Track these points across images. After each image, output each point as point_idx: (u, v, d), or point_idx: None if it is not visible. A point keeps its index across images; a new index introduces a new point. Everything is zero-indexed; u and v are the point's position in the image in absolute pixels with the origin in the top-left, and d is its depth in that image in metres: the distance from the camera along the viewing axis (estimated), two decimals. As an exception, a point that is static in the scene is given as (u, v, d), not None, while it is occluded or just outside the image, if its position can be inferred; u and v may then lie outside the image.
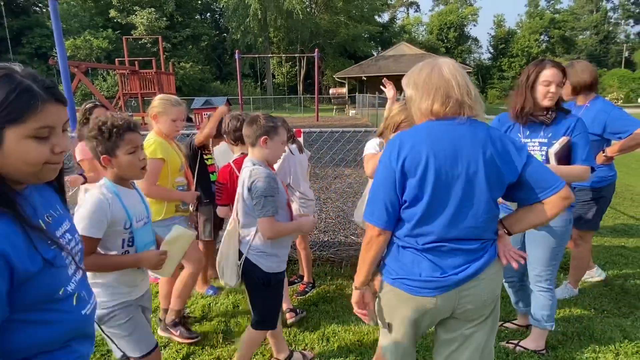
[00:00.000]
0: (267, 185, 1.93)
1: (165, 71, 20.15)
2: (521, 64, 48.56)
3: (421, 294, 1.46)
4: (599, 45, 53.86)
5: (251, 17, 35.85)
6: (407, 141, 1.42)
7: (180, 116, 2.58)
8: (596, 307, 3.06)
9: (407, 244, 1.48)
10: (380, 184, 1.46)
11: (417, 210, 1.43)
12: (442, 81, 1.42)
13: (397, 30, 51.09)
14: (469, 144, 1.40)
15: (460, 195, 1.40)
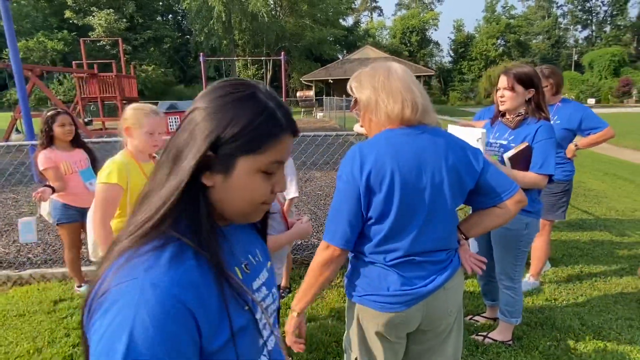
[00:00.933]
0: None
1: (126, 74, 19.52)
2: (480, 66, 50.54)
3: (391, 309, 1.40)
4: (550, 49, 56.89)
5: (215, 20, 35.40)
6: (368, 153, 1.34)
7: (157, 128, 2.19)
8: (556, 298, 3.26)
9: (373, 260, 1.42)
10: (342, 201, 1.36)
11: (383, 226, 1.36)
12: (404, 85, 1.37)
13: (362, 33, 51.93)
14: (431, 153, 1.36)
15: (427, 207, 1.36)
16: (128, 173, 2.11)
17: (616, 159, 10.84)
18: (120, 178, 2.07)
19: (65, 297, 3.44)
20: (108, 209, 2.08)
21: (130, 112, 2.17)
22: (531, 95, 2.28)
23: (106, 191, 2.07)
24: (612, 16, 57.07)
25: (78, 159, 3.28)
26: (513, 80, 2.29)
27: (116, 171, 2.08)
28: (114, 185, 2.07)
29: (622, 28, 56.05)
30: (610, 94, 42.08)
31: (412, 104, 1.35)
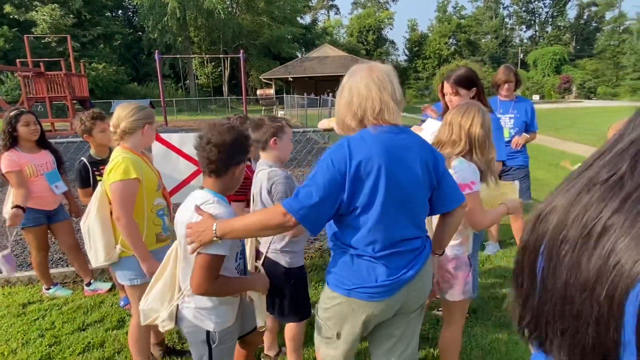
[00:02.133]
0: (286, 187, 1.99)
1: (76, 73, 18.62)
2: (434, 65, 52.33)
3: (379, 298, 1.49)
4: (498, 48, 59.86)
5: (169, 16, 34.33)
6: (358, 146, 1.42)
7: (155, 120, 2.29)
8: (505, 275, 3.62)
9: (363, 252, 1.48)
10: (323, 181, 1.38)
11: (369, 217, 1.43)
12: (382, 87, 1.45)
13: (320, 32, 52.20)
14: (410, 150, 1.47)
15: (407, 199, 1.46)
16: (140, 167, 2.12)
17: (559, 150, 11.71)
18: (138, 172, 2.08)
19: (34, 300, 3.40)
20: (131, 205, 2.07)
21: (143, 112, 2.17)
22: (474, 93, 2.58)
23: (127, 187, 2.04)
24: (553, 17, 60.91)
25: (44, 160, 3.18)
26: (455, 85, 2.59)
27: (132, 166, 2.06)
28: (134, 180, 2.06)
29: (562, 28, 59.97)
30: (553, 91, 45.00)
31: (388, 105, 1.44)
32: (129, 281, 2.19)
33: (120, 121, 2.14)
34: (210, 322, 1.65)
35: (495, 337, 2.72)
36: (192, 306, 1.66)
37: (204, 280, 1.50)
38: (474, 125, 1.90)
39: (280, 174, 2.03)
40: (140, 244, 2.07)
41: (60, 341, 2.79)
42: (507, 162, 3.74)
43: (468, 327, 2.82)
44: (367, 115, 1.47)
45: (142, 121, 2.17)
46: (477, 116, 1.91)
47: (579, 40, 59.15)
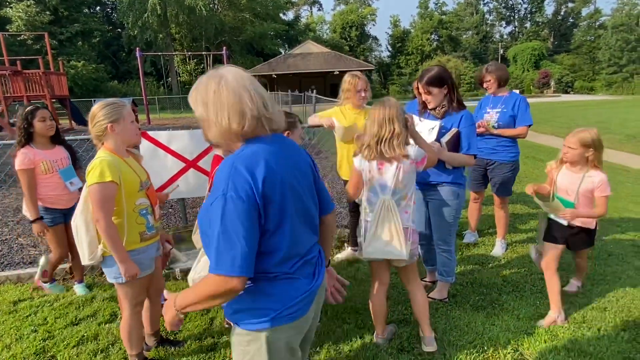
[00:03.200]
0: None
1: (54, 71, 18.25)
2: (416, 61, 52.88)
3: (303, 313, 1.40)
4: (479, 43, 60.80)
5: (149, 13, 33.86)
6: (254, 164, 1.24)
7: (134, 117, 2.30)
8: (483, 262, 3.81)
9: (278, 273, 1.34)
10: (238, 221, 1.18)
11: (283, 236, 1.30)
12: (235, 98, 1.26)
13: (303, 28, 52.13)
14: (297, 158, 1.42)
15: (306, 208, 1.40)
16: (118, 169, 2.11)
17: (536, 144, 12.09)
18: (114, 175, 2.07)
19: (24, 297, 3.43)
20: (109, 208, 2.07)
21: (103, 111, 2.14)
22: (446, 91, 2.74)
23: (103, 190, 2.05)
24: (532, 13, 62.13)
25: (59, 157, 3.18)
26: (427, 86, 2.75)
27: (107, 169, 2.05)
28: (110, 183, 2.05)
29: (540, 24, 61.23)
30: (532, 85, 45.96)
31: (240, 116, 1.27)
32: (114, 279, 2.21)
33: (90, 126, 2.18)
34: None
35: (473, 318, 2.89)
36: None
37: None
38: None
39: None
40: (117, 245, 2.09)
41: (53, 335, 2.85)
42: (491, 157, 3.89)
43: (447, 311, 2.99)
44: (249, 126, 1.28)
45: (104, 122, 2.13)
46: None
47: (557, 36, 60.51)
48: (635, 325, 2.80)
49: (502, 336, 2.68)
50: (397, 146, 2.25)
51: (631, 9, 48.96)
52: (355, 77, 3.52)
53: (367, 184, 2.36)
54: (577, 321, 2.86)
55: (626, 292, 3.24)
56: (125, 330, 2.35)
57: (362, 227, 2.41)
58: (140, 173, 2.28)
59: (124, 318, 2.35)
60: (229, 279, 1.19)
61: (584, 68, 48.99)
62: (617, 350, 2.55)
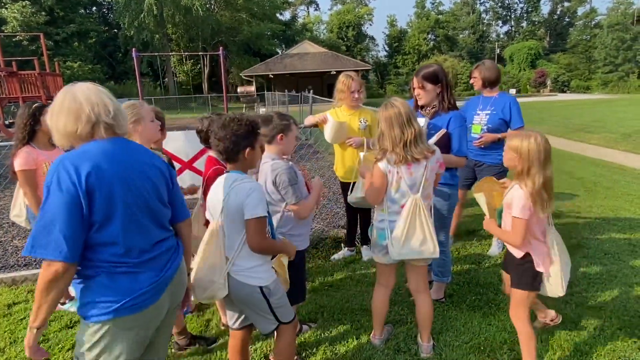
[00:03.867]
0: (289, 176, 2.21)
1: (50, 72, 18.18)
2: (413, 60, 52.90)
3: (148, 304, 1.50)
4: (476, 43, 60.90)
5: (146, 13, 33.71)
6: (82, 160, 1.39)
7: (153, 115, 2.39)
8: (479, 261, 3.81)
9: (120, 264, 1.46)
10: (58, 210, 1.33)
11: (115, 227, 1.42)
12: (75, 104, 1.44)
13: (300, 28, 52.07)
14: (140, 160, 1.56)
15: (149, 206, 1.54)
16: None
17: (532, 143, 12.09)
18: None
19: (19, 300, 3.41)
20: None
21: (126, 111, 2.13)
22: (439, 89, 2.75)
23: None
24: (528, 12, 62.29)
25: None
26: (422, 80, 2.75)
27: None
28: None
29: (536, 23, 61.42)
30: (529, 85, 46.07)
31: (78, 121, 1.44)
32: None
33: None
34: (261, 278, 1.93)
35: (469, 318, 2.89)
36: (243, 268, 1.92)
37: (261, 238, 1.86)
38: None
39: (282, 164, 2.24)
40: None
41: (48, 339, 2.84)
42: (480, 158, 3.86)
43: (444, 311, 2.99)
44: (83, 129, 1.46)
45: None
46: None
47: (553, 35, 60.68)
48: (631, 324, 2.80)
49: (499, 336, 2.69)
50: (423, 144, 2.24)
51: (626, 8, 49.14)
52: (349, 78, 3.50)
53: (392, 185, 2.29)
54: (573, 320, 2.86)
55: (622, 291, 3.25)
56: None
57: (384, 227, 2.33)
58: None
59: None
60: (50, 263, 1.33)
61: (580, 67, 49.13)
62: (613, 349, 2.55)
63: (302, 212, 2.27)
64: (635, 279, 3.43)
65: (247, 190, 1.84)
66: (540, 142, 2.02)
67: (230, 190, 1.86)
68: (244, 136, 1.90)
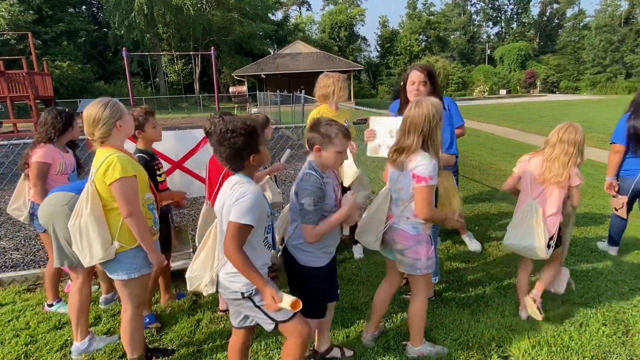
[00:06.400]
0: (310, 197, 1.98)
1: (39, 71, 17.93)
2: (405, 61, 53.12)
3: None
4: (467, 44, 61.39)
5: (136, 12, 33.44)
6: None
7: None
8: (469, 259, 3.85)
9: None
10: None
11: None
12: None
13: (292, 28, 52.03)
14: None
15: None
16: (132, 163, 2.18)
17: (523, 143, 12.22)
18: (135, 169, 2.15)
19: (6, 301, 3.37)
20: (137, 201, 2.14)
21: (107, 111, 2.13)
22: (432, 89, 2.79)
23: (129, 184, 2.10)
24: (518, 14, 62.90)
25: (70, 161, 3.14)
26: (426, 75, 2.78)
27: (128, 164, 2.12)
28: (132, 177, 2.13)
29: (526, 25, 62.03)
30: (519, 85, 46.55)
31: None
32: (127, 275, 2.21)
33: (93, 129, 2.13)
34: (242, 282, 1.87)
35: (458, 316, 2.92)
36: (227, 270, 1.90)
37: (234, 247, 1.76)
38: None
39: (312, 180, 2.02)
40: (149, 237, 2.19)
41: (36, 340, 2.81)
42: None
43: (433, 309, 3.01)
44: None
45: (112, 121, 2.14)
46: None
47: (542, 37, 61.37)
48: (616, 320, 2.85)
49: (487, 333, 2.72)
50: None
51: (614, 10, 49.92)
52: (330, 78, 3.54)
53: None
54: (560, 316, 2.90)
55: (607, 287, 3.31)
56: (127, 332, 2.32)
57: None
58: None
59: (125, 319, 2.31)
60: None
61: (569, 68, 49.76)
62: (598, 344, 2.60)
63: (307, 237, 2.05)
64: (620, 276, 3.49)
65: (240, 194, 1.78)
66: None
67: (230, 192, 1.83)
68: (243, 145, 1.80)
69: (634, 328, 2.76)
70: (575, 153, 2.58)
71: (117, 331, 2.90)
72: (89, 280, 2.69)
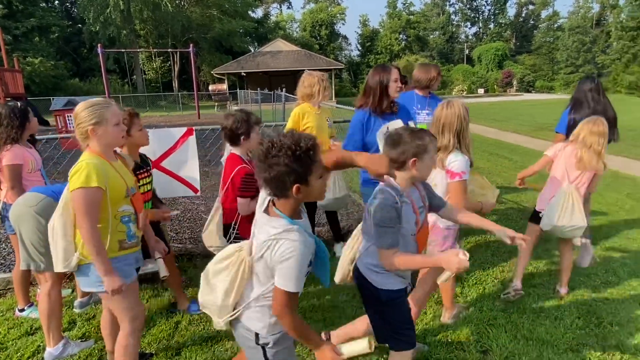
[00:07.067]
0: (384, 215, 1.75)
1: (9, 67, 17.29)
2: (385, 60, 53.48)
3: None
4: (446, 44, 62.25)
5: (112, 8, 32.62)
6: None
7: (120, 117, 2.09)
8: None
9: None
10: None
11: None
12: None
13: (272, 26, 51.71)
14: None
15: None
16: (105, 174, 1.96)
17: (500, 141, 12.49)
18: (100, 180, 1.91)
19: (-25, 307, 3.23)
20: (94, 214, 1.92)
21: (85, 112, 1.97)
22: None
23: (88, 195, 1.89)
24: (495, 14, 64.15)
25: (37, 157, 3.01)
26: (399, 72, 2.88)
27: (94, 173, 1.90)
28: (95, 189, 1.90)
29: (503, 25, 63.32)
30: (496, 85, 47.51)
31: None
32: (94, 288, 2.03)
33: (75, 128, 2.01)
34: (259, 323, 1.62)
35: (438, 312, 2.97)
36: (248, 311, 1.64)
37: (290, 314, 1.50)
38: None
39: (387, 199, 1.77)
40: (101, 256, 1.93)
41: (6, 347, 2.71)
42: None
43: (414, 306, 3.04)
44: None
45: (85, 125, 1.97)
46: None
47: (519, 37, 62.76)
48: (589, 313, 2.94)
49: (466, 328, 2.76)
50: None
51: (586, 12, 51.48)
52: (315, 77, 3.55)
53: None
54: (536, 311, 2.97)
55: (581, 281, 3.41)
56: (121, 347, 2.13)
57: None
58: (127, 179, 2.11)
59: (122, 334, 2.14)
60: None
61: (544, 68, 51.06)
62: (572, 336, 2.67)
63: (384, 262, 1.81)
64: (593, 269, 3.60)
65: (285, 253, 1.44)
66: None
67: (272, 242, 1.48)
68: (288, 170, 1.42)
69: (605, 320, 2.85)
70: (604, 144, 2.81)
71: (92, 335, 2.83)
72: (59, 283, 2.60)
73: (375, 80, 2.82)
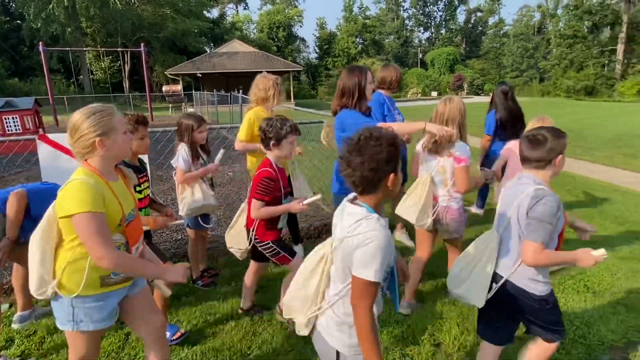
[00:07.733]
0: (549, 211, 1.77)
1: (-64, 66, 15.86)
2: (343, 63, 54.20)
3: None
4: (401, 48, 64.04)
5: (55, 4, 30.76)
6: None
7: (126, 125, 1.86)
8: (402, 254, 4.00)
9: None
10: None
11: None
12: None
13: (229, 27, 50.90)
14: None
15: None
16: (103, 195, 1.68)
17: (452, 142, 13.01)
18: (96, 204, 1.64)
19: None
20: (106, 236, 1.66)
21: (88, 122, 1.69)
22: None
23: (93, 220, 1.62)
24: (446, 20, 66.83)
25: None
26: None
27: (89, 196, 1.63)
28: (99, 213, 1.65)
29: (454, 31, 66.08)
30: (448, 88, 49.44)
31: None
32: (59, 324, 1.79)
33: (71, 140, 1.72)
34: (339, 341, 1.54)
35: (393, 309, 3.03)
36: (333, 319, 1.56)
37: (365, 305, 1.41)
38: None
39: (549, 194, 1.81)
40: (141, 268, 1.80)
41: None
42: None
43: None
44: None
45: (90, 136, 1.69)
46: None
47: (468, 42, 65.74)
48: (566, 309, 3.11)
49: (419, 323, 2.84)
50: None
51: (529, 20, 54.84)
52: (270, 81, 3.50)
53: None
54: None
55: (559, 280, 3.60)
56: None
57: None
58: (126, 203, 1.81)
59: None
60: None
61: (492, 72, 53.75)
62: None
63: (529, 257, 1.81)
64: (573, 271, 3.69)
65: (366, 238, 1.39)
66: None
67: (351, 230, 1.43)
68: (387, 159, 1.42)
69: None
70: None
71: (33, 353, 2.64)
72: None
73: (354, 82, 2.77)
